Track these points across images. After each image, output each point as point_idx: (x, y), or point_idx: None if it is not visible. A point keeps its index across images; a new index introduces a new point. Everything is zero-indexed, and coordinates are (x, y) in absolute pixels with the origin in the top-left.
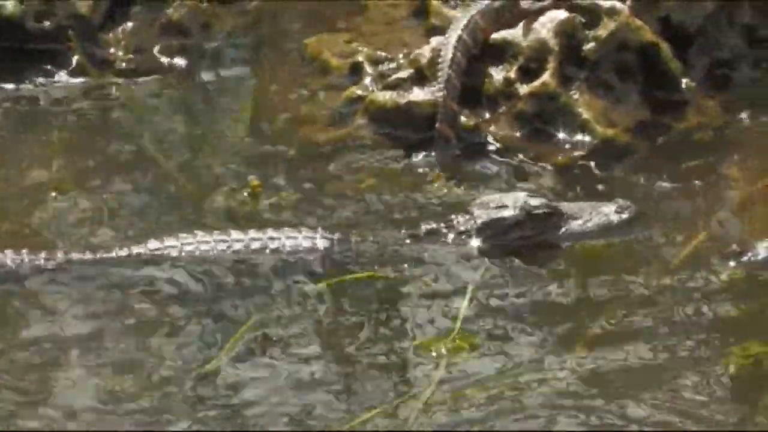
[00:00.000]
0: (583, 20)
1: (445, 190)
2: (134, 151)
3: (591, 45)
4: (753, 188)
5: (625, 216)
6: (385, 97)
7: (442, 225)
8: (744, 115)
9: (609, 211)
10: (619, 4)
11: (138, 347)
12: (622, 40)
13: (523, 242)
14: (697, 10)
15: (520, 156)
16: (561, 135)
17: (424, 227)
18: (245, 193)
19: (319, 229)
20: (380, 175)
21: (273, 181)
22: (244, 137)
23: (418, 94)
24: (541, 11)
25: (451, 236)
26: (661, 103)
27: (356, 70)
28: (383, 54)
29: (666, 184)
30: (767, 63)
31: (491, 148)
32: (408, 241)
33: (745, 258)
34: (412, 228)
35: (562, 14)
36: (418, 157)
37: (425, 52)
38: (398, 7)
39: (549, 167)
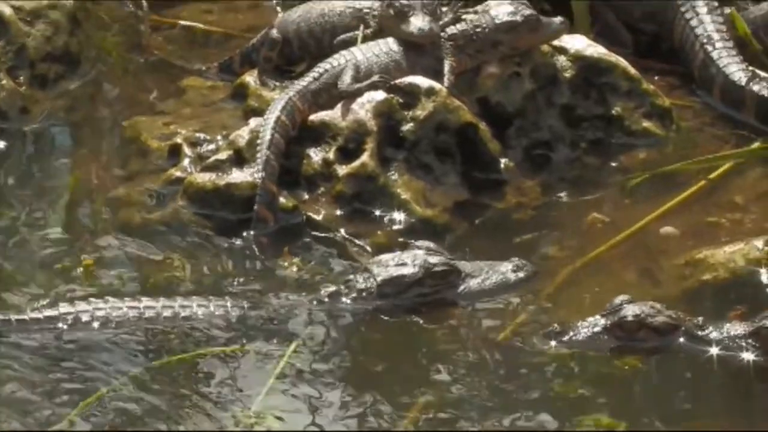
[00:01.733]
0: (402, 101)
1: (287, 270)
2: None
3: (409, 126)
4: (572, 267)
5: (521, 274)
6: (204, 178)
7: (342, 286)
8: (562, 195)
9: (506, 270)
10: (437, 85)
11: None
12: (441, 120)
13: (422, 300)
14: (516, 90)
15: (340, 235)
16: (380, 215)
17: (325, 291)
18: (79, 270)
19: (228, 297)
20: (199, 256)
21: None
22: (64, 219)
23: (236, 176)
24: (359, 92)
25: (352, 296)
26: (480, 183)
27: (175, 152)
28: (202, 136)
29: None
30: (585, 143)
31: (310, 228)
32: (314, 303)
33: (566, 337)
34: (314, 292)
35: (380, 95)
36: (237, 238)
37: (244, 134)
38: (216, 89)
39: (369, 246)
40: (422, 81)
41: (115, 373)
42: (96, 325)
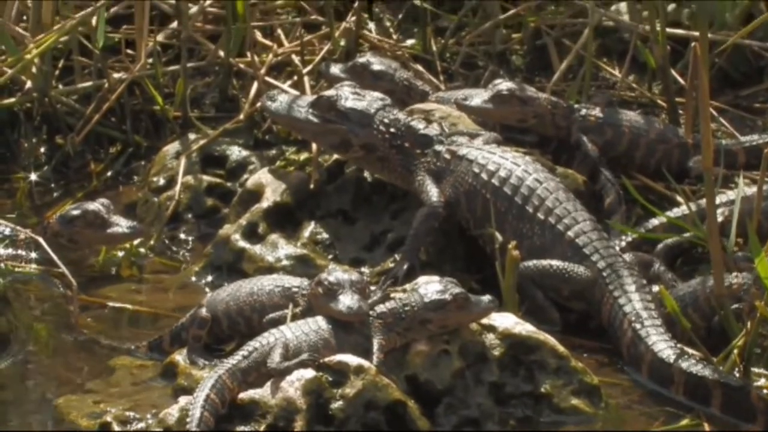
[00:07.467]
0: (331, 379)
1: None
2: None
3: (338, 404)
4: None
5: None
6: None
7: None
8: None
9: None
10: (366, 363)
11: None
12: (370, 398)
13: None
14: (445, 368)
15: None
16: None
17: None
18: None
19: None
20: None
21: None
22: None
23: None
24: (289, 371)
25: None
26: None
27: (105, 431)
28: (132, 414)
29: None
30: (514, 420)
31: None
32: None
33: None
34: None
35: (309, 373)
36: None
37: (173, 412)
38: (146, 368)
39: None
40: (351, 359)
41: None
42: None
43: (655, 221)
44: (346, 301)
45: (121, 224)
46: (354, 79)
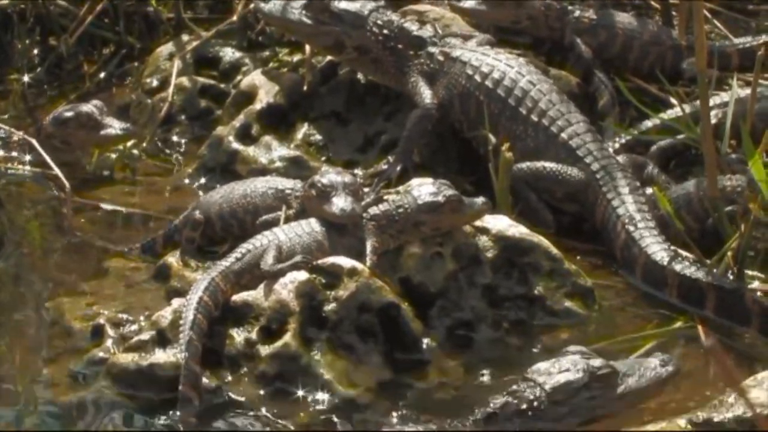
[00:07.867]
0: (324, 281)
1: None
2: None
3: (332, 306)
4: None
5: (671, 368)
6: (127, 359)
7: (509, 398)
8: (485, 376)
9: (655, 365)
10: (360, 265)
11: None
12: (363, 300)
13: (587, 404)
14: (438, 270)
15: (264, 415)
16: (303, 395)
17: (493, 403)
18: None
19: None
20: None
21: None
22: None
23: (160, 356)
24: (282, 273)
25: (524, 406)
26: (403, 362)
27: (98, 333)
28: (125, 316)
29: None
30: (507, 323)
31: (234, 408)
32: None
33: None
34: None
35: (302, 275)
36: (161, 417)
37: (166, 314)
38: (139, 270)
39: (292, 426)
40: (345, 261)
41: None
42: None
43: (648, 123)
44: (340, 203)
45: (114, 126)
46: None
